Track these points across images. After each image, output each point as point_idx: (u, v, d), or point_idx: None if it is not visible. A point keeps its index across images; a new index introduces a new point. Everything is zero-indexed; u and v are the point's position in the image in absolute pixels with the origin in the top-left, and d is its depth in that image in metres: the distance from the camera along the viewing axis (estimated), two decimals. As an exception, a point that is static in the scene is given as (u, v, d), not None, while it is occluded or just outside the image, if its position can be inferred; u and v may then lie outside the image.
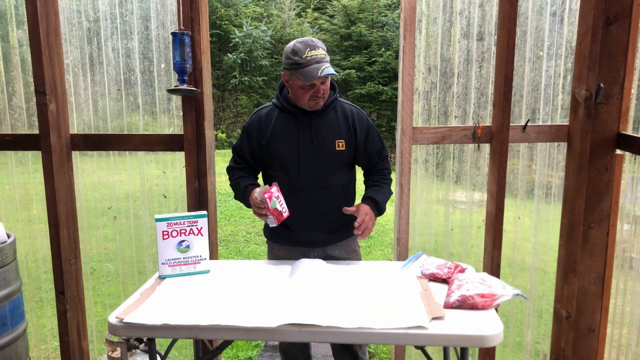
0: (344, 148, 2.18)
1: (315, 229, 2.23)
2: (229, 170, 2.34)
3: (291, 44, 2.07)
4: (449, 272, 1.96)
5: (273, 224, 2.07)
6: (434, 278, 1.97)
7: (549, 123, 2.57)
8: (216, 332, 1.65)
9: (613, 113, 2.33)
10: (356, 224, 2.12)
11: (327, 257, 2.27)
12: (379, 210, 2.21)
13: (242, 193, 2.21)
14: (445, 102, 2.60)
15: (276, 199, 2.04)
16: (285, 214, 2.07)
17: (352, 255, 2.34)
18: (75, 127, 2.68)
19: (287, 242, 2.31)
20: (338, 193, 2.23)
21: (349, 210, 2.15)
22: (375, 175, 2.31)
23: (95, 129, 2.71)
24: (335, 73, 2.02)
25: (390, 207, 7.62)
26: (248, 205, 2.20)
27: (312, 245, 2.27)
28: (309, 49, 2.02)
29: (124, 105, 2.68)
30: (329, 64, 2.03)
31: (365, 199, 2.22)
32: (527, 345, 2.77)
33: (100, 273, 2.86)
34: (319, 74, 1.98)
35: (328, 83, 2.11)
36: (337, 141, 2.17)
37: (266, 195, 2.02)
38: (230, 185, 2.32)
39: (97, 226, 2.82)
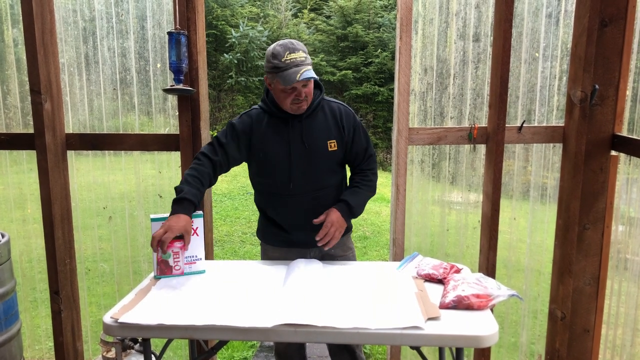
0: (336, 148, 2.16)
1: (312, 230, 2.22)
2: (200, 155, 2.13)
3: (272, 46, 2.04)
4: (445, 272, 1.96)
5: (155, 272, 1.97)
6: (429, 278, 1.97)
7: (544, 124, 2.57)
8: (211, 332, 1.64)
9: (608, 114, 2.34)
10: (318, 237, 2.09)
11: (323, 256, 2.27)
12: (352, 214, 2.17)
13: (177, 199, 1.98)
14: (442, 103, 2.60)
15: (173, 254, 1.94)
16: (176, 272, 1.97)
17: (348, 252, 2.34)
18: (71, 126, 2.68)
19: (282, 244, 2.30)
20: (332, 193, 2.22)
21: (317, 220, 2.12)
22: (357, 176, 2.26)
23: (91, 129, 2.70)
24: (314, 76, 1.99)
25: (387, 208, 7.63)
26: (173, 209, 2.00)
27: (309, 246, 2.26)
28: (288, 52, 1.98)
29: (119, 104, 2.68)
30: (309, 67, 2.00)
31: (339, 202, 2.18)
32: (522, 346, 2.77)
33: (95, 273, 2.85)
34: (297, 78, 1.96)
35: (311, 86, 2.07)
36: (329, 142, 2.15)
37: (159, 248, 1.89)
38: (185, 172, 2.10)
39: (92, 226, 2.81)
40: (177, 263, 1.94)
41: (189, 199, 1.97)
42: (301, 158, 2.14)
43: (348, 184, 2.33)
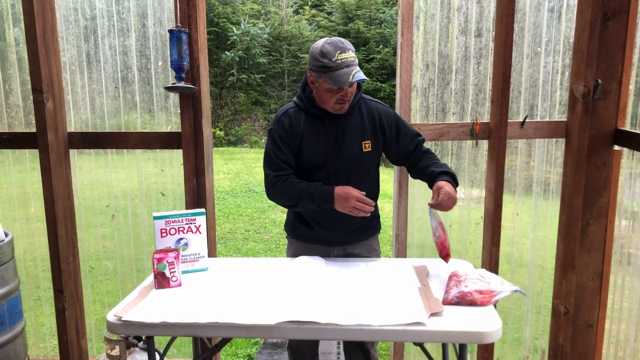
0: (370, 149, 2.13)
1: (338, 230, 2.20)
2: (277, 179, 2.10)
3: (319, 44, 1.98)
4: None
5: (154, 286, 1.93)
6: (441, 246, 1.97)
7: (547, 119, 2.57)
8: (215, 330, 1.65)
9: (611, 109, 2.33)
10: (433, 202, 1.99)
11: (347, 255, 2.26)
12: (455, 181, 2.04)
13: (316, 191, 2.03)
14: (443, 99, 2.59)
15: (168, 265, 1.91)
16: (174, 284, 1.93)
17: (372, 254, 2.31)
18: (73, 125, 2.68)
19: (307, 239, 2.27)
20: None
21: (432, 202, 1.99)
22: (426, 155, 2.18)
23: (93, 127, 2.70)
24: (366, 78, 1.96)
25: (389, 204, 7.62)
26: (326, 204, 2.03)
27: (333, 244, 2.25)
28: (339, 52, 1.93)
29: (121, 103, 2.68)
30: (358, 67, 1.97)
31: (439, 175, 2.04)
32: (526, 341, 2.77)
33: (99, 271, 2.86)
34: (350, 80, 1.92)
35: (355, 85, 2.04)
36: (363, 142, 2.12)
37: (156, 257, 1.90)
38: (285, 194, 2.10)
39: (95, 224, 2.81)
40: (173, 274, 1.93)
41: (316, 185, 2.07)
42: (336, 158, 2.11)
43: (417, 172, 2.23)
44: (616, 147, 2.36)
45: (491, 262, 2.53)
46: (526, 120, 2.50)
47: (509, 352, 2.80)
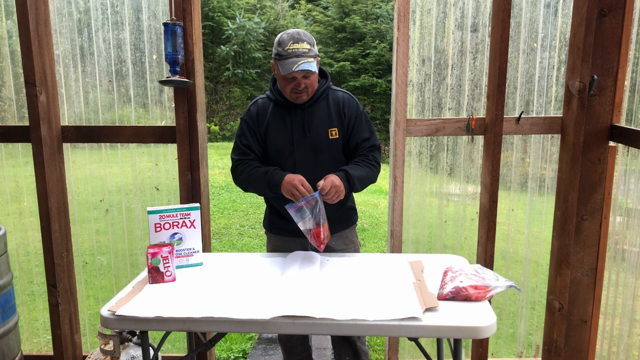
0: (337, 136, 2.18)
1: None
2: (238, 163, 2.21)
3: (280, 34, 2.09)
4: None
5: (148, 280, 1.93)
6: None
7: (542, 115, 2.57)
8: (209, 325, 1.64)
9: (606, 105, 2.33)
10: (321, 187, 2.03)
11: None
12: (349, 183, 2.09)
13: (270, 176, 2.09)
14: (439, 94, 2.59)
15: (162, 259, 1.90)
16: (168, 279, 1.92)
17: (350, 246, 2.34)
18: (66, 119, 2.66)
19: (284, 232, 2.31)
20: None
21: (319, 184, 2.03)
22: (358, 158, 2.22)
23: (87, 121, 2.68)
24: (311, 69, 2.00)
25: (385, 200, 7.63)
26: (274, 190, 2.09)
27: None
28: (292, 42, 2.02)
29: (115, 97, 2.66)
30: (310, 59, 2.01)
31: (337, 171, 2.12)
32: (520, 337, 2.78)
33: (93, 266, 2.85)
34: (293, 69, 1.98)
35: (314, 78, 2.09)
36: (330, 130, 2.17)
37: (150, 251, 1.89)
38: (243, 177, 2.19)
39: (89, 219, 2.80)
40: (167, 269, 1.92)
41: (275, 168, 2.12)
42: (304, 146, 2.17)
43: None
44: (611, 143, 2.36)
45: (486, 258, 2.54)
46: (522, 116, 2.50)
47: (504, 348, 2.81)
